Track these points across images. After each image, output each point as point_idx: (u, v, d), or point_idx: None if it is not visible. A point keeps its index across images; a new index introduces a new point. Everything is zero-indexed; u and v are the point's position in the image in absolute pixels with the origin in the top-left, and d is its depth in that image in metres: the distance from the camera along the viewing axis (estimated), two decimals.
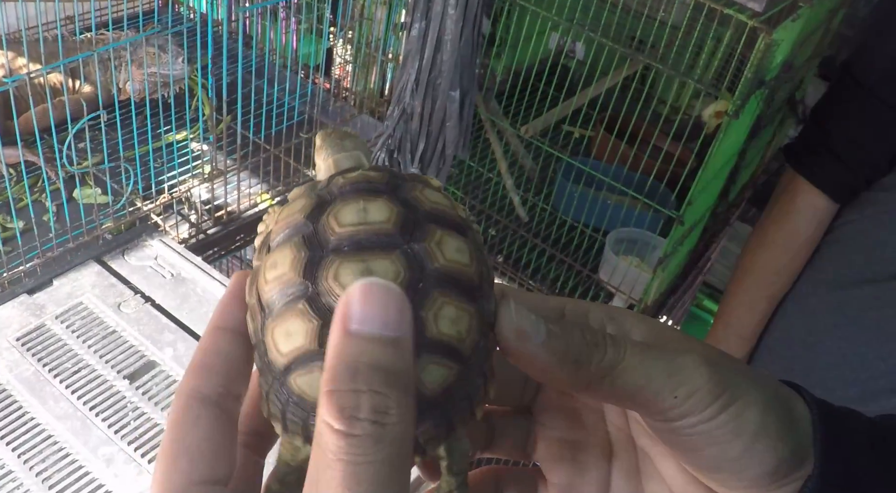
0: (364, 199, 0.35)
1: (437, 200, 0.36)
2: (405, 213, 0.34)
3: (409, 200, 0.35)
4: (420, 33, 1.41)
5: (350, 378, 0.27)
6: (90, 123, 1.26)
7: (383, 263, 0.32)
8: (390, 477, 0.27)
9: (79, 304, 1.14)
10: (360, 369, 0.28)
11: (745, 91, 1.32)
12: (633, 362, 0.34)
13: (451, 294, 0.33)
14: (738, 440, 0.35)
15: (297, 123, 1.48)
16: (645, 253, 1.62)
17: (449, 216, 0.35)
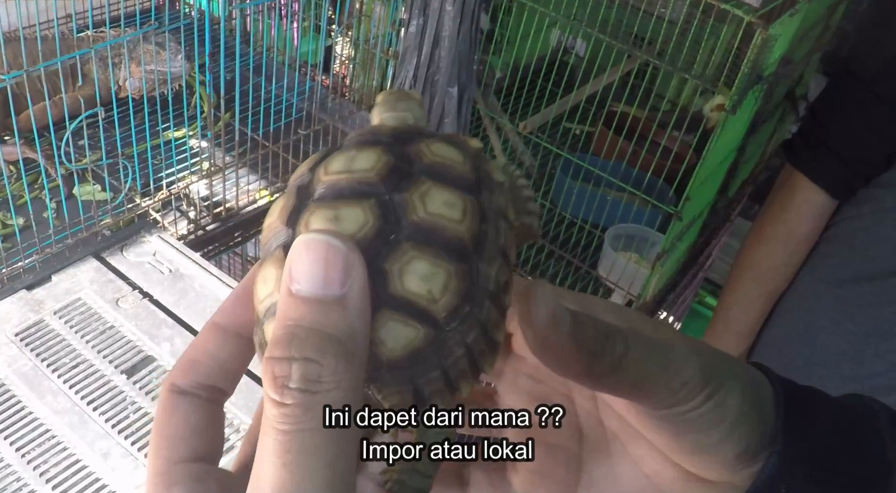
0: (357, 148, 0.33)
1: (444, 155, 0.33)
2: (394, 163, 0.32)
3: (408, 153, 0.33)
4: (418, 29, 1.41)
5: (286, 345, 0.27)
6: (90, 121, 1.26)
7: (354, 210, 0.31)
8: (323, 447, 0.26)
9: (77, 300, 1.15)
10: (296, 334, 0.27)
11: (743, 86, 1.32)
12: (638, 355, 0.34)
13: (426, 249, 0.31)
14: (721, 426, 0.36)
15: (295, 120, 1.48)
16: (644, 249, 1.62)
17: (452, 171, 0.33)
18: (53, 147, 1.21)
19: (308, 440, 0.26)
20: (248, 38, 1.73)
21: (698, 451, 0.37)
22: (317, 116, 1.51)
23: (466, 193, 0.32)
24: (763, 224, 1.44)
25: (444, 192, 0.32)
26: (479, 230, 0.32)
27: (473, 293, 0.31)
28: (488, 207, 0.33)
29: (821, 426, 0.40)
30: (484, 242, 0.32)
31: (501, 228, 0.33)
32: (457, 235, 0.31)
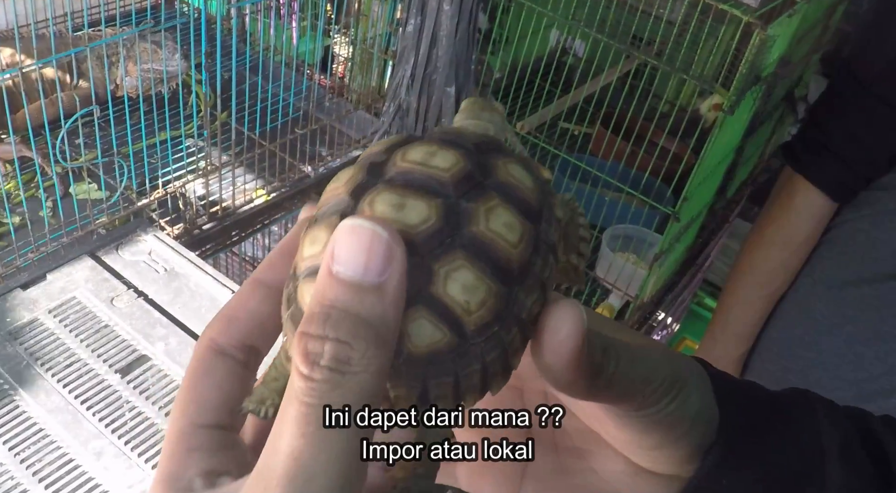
0: (440, 145, 0.34)
1: (517, 177, 0.34)
2: (470, 170, 0.33)
3: (486, 165, 0.34)
4: (415, 29, 1.41)
5: (321, 323, 0.28)
6: (87, 120, 1.26)
7: (420, 204, 0.31)
8: (341, 431, 0.27)
9: (72, 298, 1.14)
10: (332, 314, 0.28)
11: (740, 87, 1.31)
12: (625, 367, 0.35)
13: (476, 262, 0.31)
14: (684, 423, 0.37)
15: (292, 120, 1.48)
16: (641, 249, 1.61)
17: (520, 195, 0.33)
18: (48, 146, 1.21)
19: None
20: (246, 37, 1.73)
21: (661, 446, 0.38)
22: (314, 115, 1.51)
23: (527, 220, 0.33)
24: (763, 227, 1.44)
25: (509, 213, 0.32)
26: (529, 259, 0.33)
27: (505, 316, 0.32)
28: (543, 238, 0.34)
29: (757, 418, 0.41)
30: (529, 272, 0.33)
31: (549, 262, 0.34)
32: (507, 257, 0.32)
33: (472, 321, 0.31)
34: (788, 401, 0.44)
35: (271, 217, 1.45)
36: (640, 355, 0.36)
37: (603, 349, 0.34)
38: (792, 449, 0.42)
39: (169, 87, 1.43)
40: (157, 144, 1.38)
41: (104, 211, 1.26)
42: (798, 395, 0.46)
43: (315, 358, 0.27)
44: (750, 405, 0.42)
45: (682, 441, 0.38)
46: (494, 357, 0.32)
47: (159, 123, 1.34)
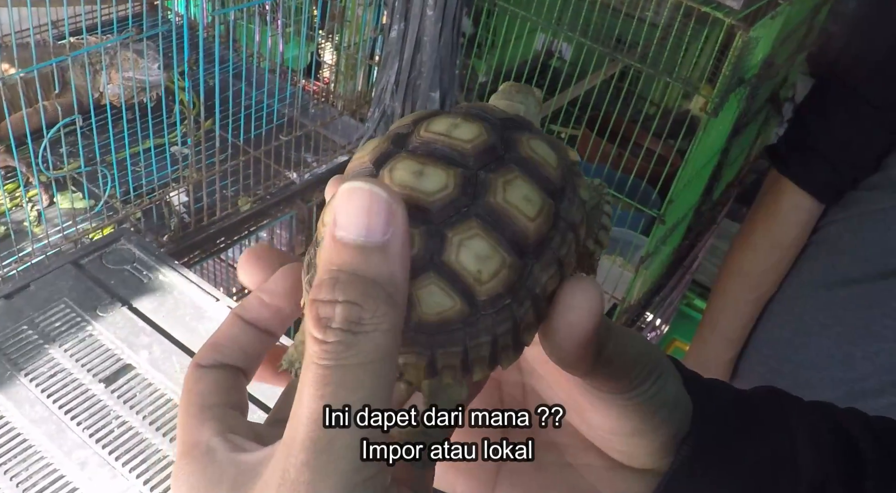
0: (464, 118, 0.34)
1: (540, 153, 0.34)
2: (492, 143, 0.33)
3: (509, 139, 0.34)
4: (399, 34, 1.41)
5: (330, 288, 0.28)
6: (71, 129, 1.26)
7: (438, 172, 0.32)
8: (362, 382, 0.27)
9: (56, 308, 1.14)
10: (340, 278, 0.28)
11: (724, 89, 1.32)
12: (622, 347, 0.35)
13: (491, 232, 0.31)
14: (663, 410, 0.38)
15: (277, 126, 1.48)
16: (628, 252, 1.62)
17: (542, 171, 0.33)
18: (31, 155, 1.21)
19: (347, 374, 0.27)
20: (231, 43, 1.73)
21: (639, 433, 0.39)
22: (299, 121, 1.51)
23: (547, 196, 0.33)
24: (750, 230, 1.44)
25: (527, 186, 0.32)
26: (546, 234, 0.33)
27: (518, 290, 0.32)
28: (563, 216, 0.34)
29: (728, 414, 0.42)
30: (546, 247, 0.33)
31: (568, 239, 0.34)
32: (524, 230, 0.32)
33: (484, 291, 0.31)
34: (757, 397, 0.45)
35: (257, 224, 1.45)
36: (631, 335, 0.37)
37: (606, 328, 0.34)
38: (764, 441, 0.42)
39: (151, 96, 1.43)
40: (141, 153, 1.38)
41: (88, 220, 1.26)
42: (766, 391, 0.47)
43: (327, 322, 0.27)
44: (720, 401, 0.42)
45: (661, 429, 0.39)
46: (505, 330, 0.32)
47: (143, 131, 1.34)
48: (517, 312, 0.32)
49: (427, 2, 1.37)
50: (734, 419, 0.42)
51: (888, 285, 1.20)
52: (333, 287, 0.28)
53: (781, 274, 1.40)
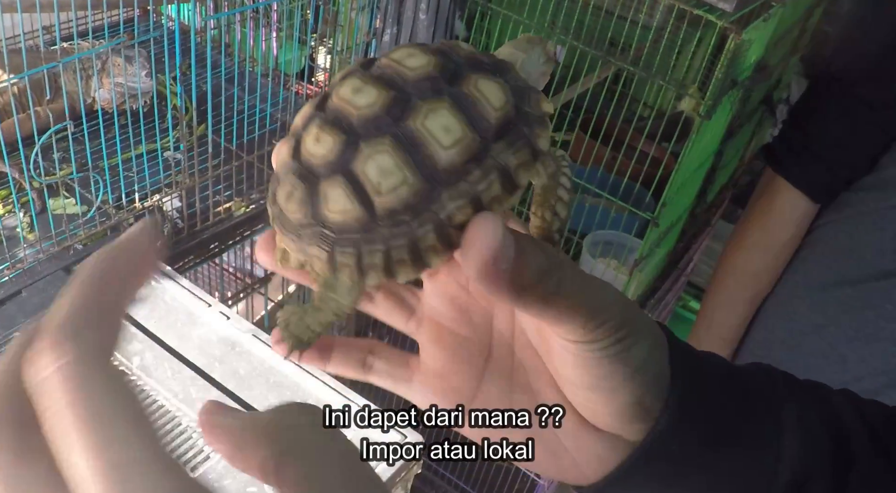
0: (423, 50, 0.36)
1: (485, 93, 0.35)
2: (435, 76, 0.35)
3: (458, 75, 0.36)
4: (392, 38, 1.41)
5: None
6: (64, 134, 1.26)
7: (371, 91, 0.35)
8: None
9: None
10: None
11: (717, 92, 1.32)
12: (571, 288, 0.36)
13: (399, 152, 0.34)
14: (623, 370, 0.39)
15: (270, 131, 1.48)
16: (622, 255, 1.61)
17: (476, 109, 0.35)
18: (22, 161, 1.20)
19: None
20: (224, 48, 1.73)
21: (596, 388, 0.39)
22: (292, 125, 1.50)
23: (472, 132, 0.34)
24: (745, 229, 1.45)
25: (451, 119, 0.34)
26: (461, 167, 0.34)
27: (420, 211, 0.34)
28: (493, 155, 0.35)
29: (713, 389, 0.42)
30: (460, 180, 0.34)
31: (492, 180, 0.35)
32: (434, 156, 0.34)
33: (381, 203, 0.34)
34: (748, 374, 0.45)
35: (251, 229, 1.44)
36: (591, 283, 0.37)
37: (548, 266, 0.35)
38: (748, 420, 0.43)
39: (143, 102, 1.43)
40: (134, 158, 1.38)
41: (81, 226, 1.26)
42: (758, 369, 0.47)
43: None
44: (708, 376, 0.43)
45: (620, 390, 0.39)
46: (399, 245, 0.34)
47: (136, 136, 1.34)
48: (417, 231, 0.34)
49: (419, 6, 1.37)
50: (719, 397, 0.42)
51: (883, 287, 1.20)
52: None
53: (776, 273, 1.40)
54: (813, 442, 0.43)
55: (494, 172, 0.35)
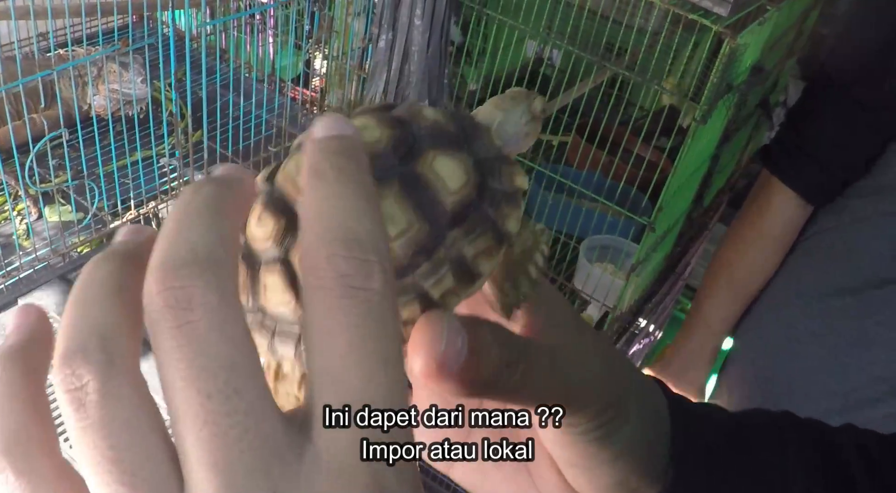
0: (379, 122, 0.33)
1: (441, 174, 0.32)
2: (387, 153, 0.32)
3: (414, 150, 0.32)
4: (387, 44, 1.41)
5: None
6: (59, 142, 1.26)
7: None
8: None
9: None
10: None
11: (712, 96, 1.31)
12: (542, 378, 0.34)
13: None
14: (604, 454, 0.37)
15: (265, 137, 1.48)
16: (619, 260, 1.61)
17: (428, 191, 0.32)
18: (17, 169, 1.20)
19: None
20: (220, 54, 1.73)
21: (576, 466, 0.38)
22: (287, 132, 1.51)
23: (421, 221, 0.31)
24: (739, 225, 1.46)
25: (396, 207, 0.31)
26: (407, 261, 0.31)
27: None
28: (443, 245, 0.32)
29: (717, 452, 0.40)
30: (405, 274, 0.31)
31: (442, 274, 0.32)
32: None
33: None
34: (753, 430, 0.43)
35: None
36: (568, 363, 0.35)
37: (509, 359, 0.32)
38: (754, 485, 0.41)
39: (139, 108, 1.43)
40: (129, 165, 1.38)
41: (76, 233, 1.26)
42: (765, 421, 0.45)
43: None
44: (710, 436, 0.41)
45: (602, 471, 0.37)
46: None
47: (131, 143, 1.34)
48: None
49: (415, 11, 1.37)
50: (724, 460, 0.40)
51: (882, 295, 1.20)
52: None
53: (769, 272, 1.41)
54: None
55: (446, 264, 0.32)
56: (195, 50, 1.65)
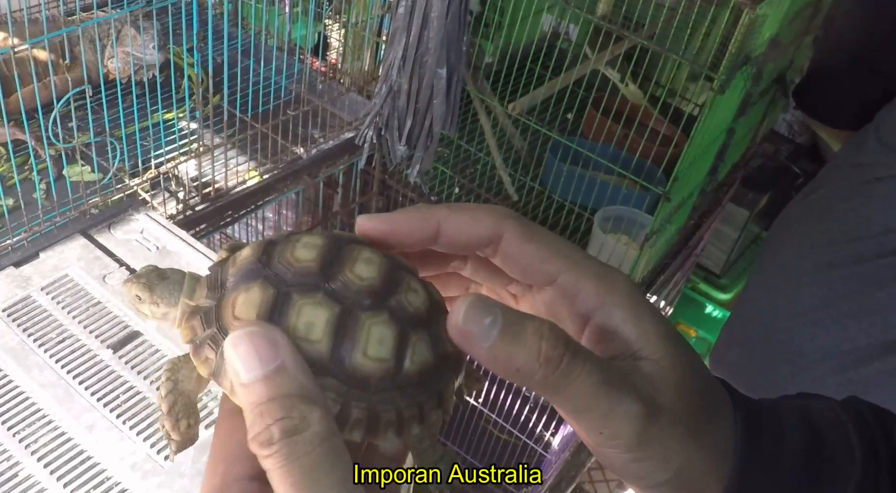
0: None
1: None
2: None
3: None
4: (407, 10, 1.41)
5: (259, 420, 0.32)
6: (80, 103, 1.27)
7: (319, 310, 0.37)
8: (318, 464, 0.31)
9: (64, 276, 1.15)
10: (262, 410, 0.32)
11: (730, 66, 1.32)
12: (580, 390, 0.35)
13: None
14: (641, 482, 0.37)
15: (284, 102, 1.49)
16: (633, 231, 1.62)
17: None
18: (41, 128, 1.21)
19: (303, 462, 0.31)
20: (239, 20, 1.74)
21: (626, 477, 0.38)
22: (306, 97, 1.52)
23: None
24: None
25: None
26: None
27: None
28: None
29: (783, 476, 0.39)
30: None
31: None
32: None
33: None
34: (824, 454, 0.40)
35: (264, 198, 1.45)
36: (604, 388, 0.35)
37: (547, 359, 0.34)
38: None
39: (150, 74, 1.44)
40: (150, 127, 1.39)
41: (97, 192, 1.27)
42: (836, 439, 0.40)
43: (269, 441, 0.31)
44: (782, 458, 0.39)
45: (647, 482, 0.38)
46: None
47: (152, 105, 1.35)
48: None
49: None
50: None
51: (887, 263, 1.22)
52: (261, 417, 0.32)
53: None
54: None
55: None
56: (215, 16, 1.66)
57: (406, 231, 0.40)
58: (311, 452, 0.31)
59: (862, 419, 0.41)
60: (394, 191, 1.72)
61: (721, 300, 2.31)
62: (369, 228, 0.40)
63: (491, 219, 0.39)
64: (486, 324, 0.34)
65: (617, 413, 0.35)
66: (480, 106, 1.73)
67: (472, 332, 0.34)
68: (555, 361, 0.34)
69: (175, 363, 0.40)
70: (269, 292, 0.36)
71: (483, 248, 0.40)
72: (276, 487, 0.31)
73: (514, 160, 1.76)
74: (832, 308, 1.26)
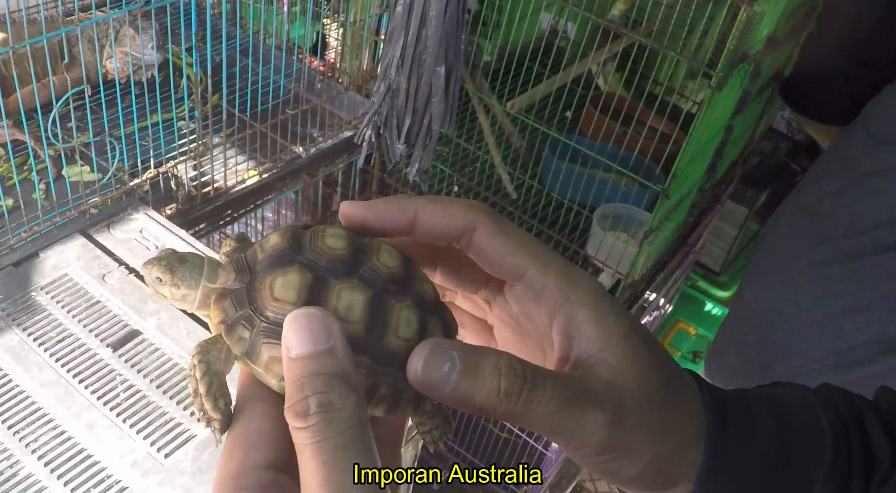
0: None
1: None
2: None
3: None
4: (405, 9, 1.41)
5: (299, 390, 0.34)
6: (78, 103, 1.27)
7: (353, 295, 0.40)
8: (350, 445, 0.33)
9: (64, 275, 1.15)
10: (304, 382, 0.34)
11: (728, 64, 1.32)
12: (544, 414, 0.36)
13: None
14: (614, 478, 0.39)
15: (283, 101, 1.49)
16: (632, 228, 1.62)
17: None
18: (40, 129, 1.22)
19: (339, 443, 0.33)
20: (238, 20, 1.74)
21: (599, 475, 0.40)
22: (304, 96, 1.52)
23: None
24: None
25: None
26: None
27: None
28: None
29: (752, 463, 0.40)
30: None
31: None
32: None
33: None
34: (794, 439, 0.41)
35: (263, 197, 1.46)
36: (566, 405, 0.37)
37: (507, 393, 0.36)
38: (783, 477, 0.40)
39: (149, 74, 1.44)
40: (149, 127, 1.39)
41: (96, 192, 1.27)
42: (806, 423, 0.42)
43: (305, 413, 0.33)
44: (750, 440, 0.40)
45: (616, 478, 0.39)
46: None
47: (151, 105, 1.35)
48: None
49: None
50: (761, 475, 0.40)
51: (880, 260, 1.22)
52: (301, 390, 0.34)
53: None
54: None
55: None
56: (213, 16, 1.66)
57: (385, 218, 0.42)
58: (345, 432, 0.33)
59: (831, 402, 0.42)
60: (393, 189, 1.72)
61: (720, 298, 2.31)
62: (351, 213, 0.42)
63: (465, 212, 0.41)
64: (444, 370, 0.36)
65: (582, 425, 0.37)
66: (479, 104, 1.73)
67: (432, 380, 0.37)
68: (514, 395, 0.36)
69: (204, 346, 0.40)
70: (308, 276, 0.38)
71: (458, 239, 0.42)
72: (304, 464, 0.33)
73: (512, 158, 1.77)
74: (827, 308, 1.26)
